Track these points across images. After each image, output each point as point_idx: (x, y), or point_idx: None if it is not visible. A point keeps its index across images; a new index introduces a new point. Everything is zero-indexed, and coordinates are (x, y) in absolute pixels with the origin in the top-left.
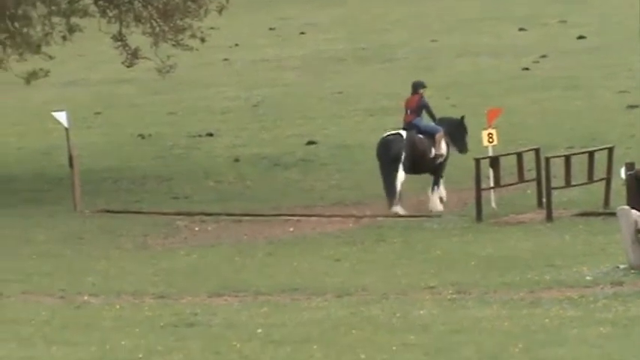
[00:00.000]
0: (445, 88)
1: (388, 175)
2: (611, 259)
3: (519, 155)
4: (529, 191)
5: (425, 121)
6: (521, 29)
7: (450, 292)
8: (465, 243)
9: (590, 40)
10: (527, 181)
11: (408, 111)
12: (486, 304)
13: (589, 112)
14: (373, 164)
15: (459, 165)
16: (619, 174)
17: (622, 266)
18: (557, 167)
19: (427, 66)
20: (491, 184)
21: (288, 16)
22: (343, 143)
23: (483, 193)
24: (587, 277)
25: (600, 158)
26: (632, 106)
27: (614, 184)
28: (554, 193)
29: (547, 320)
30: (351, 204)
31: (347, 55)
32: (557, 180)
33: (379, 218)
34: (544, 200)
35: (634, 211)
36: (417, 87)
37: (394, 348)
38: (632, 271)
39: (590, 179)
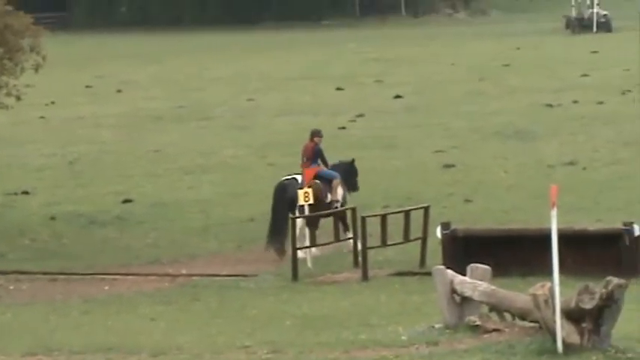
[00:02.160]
0: (263, 147)
1: (279, 219)
2: (427, 319)
3: (336, 214)
4: (345, 250)
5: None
6: (338, 89)
7: (265, 351)
8: (281, 302)
9: (407, 100)
10: (344, 240)
11: (305, 158)
12: None
13: (406, 172)
14: (189, 222)
15: None
16: (435, 233)
17: (437, 326)
18: (374, 226)
19: (245, 125)
20: (308, 244)
21: (105, 74)
22: (159, 201)
23: (300, 252)
24: (403, 337)
25: (416, 217)
26: (448, 166)
27: (430, 244)
28: (370, 253)
29: None
30: (167, 262)
31: (164, 113)
32: (373, 239)
33: (195, 277)
34: (360, 259)
35: (449, 271)
36: (313, 135)
37: None
38: (448, 331)
39: (406, 238)
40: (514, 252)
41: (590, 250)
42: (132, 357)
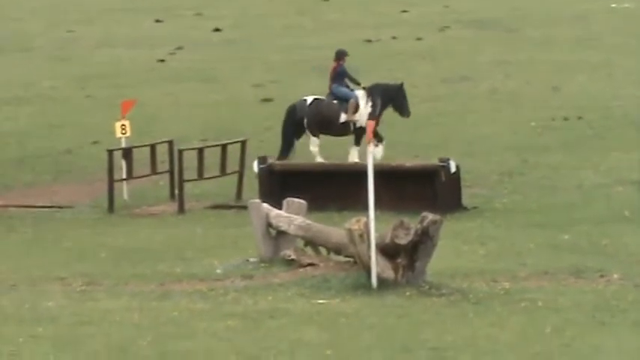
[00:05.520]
0: (82, 79)
1: (286, 138)
2: (242, 253)
3: (152, 147)
4: (162, 183)
5: (345, 88)
6: (157, 21)
7: (80, 283)
8: (97, 234)
9: (226, 33)
10: (160, 173)
11: (329, 79)
12: (116, 295)
13: (224, 105)
14: (5, 154)
15: (92, 156)
16: (252, 167)
17: (252, 259)
18: (191, 160)
19: (64, 56)
20: (124, 176)
21: None
22: None
23: (116, 185)
24: (218, 270)
25: (233, 151)
26: (266, 100)
27: (246, 177)
28: (187, 186)
29: (176, 313)
30: None
31: None
32: (190, 172)
33: (11, 208)
34: (176, 192)
35: (265, 205)
36: (337, 55)
37: (21, 340)
38: (263, 265)
39: (223, 172)
40: (331, 187)
41: (406, 186)
42: None
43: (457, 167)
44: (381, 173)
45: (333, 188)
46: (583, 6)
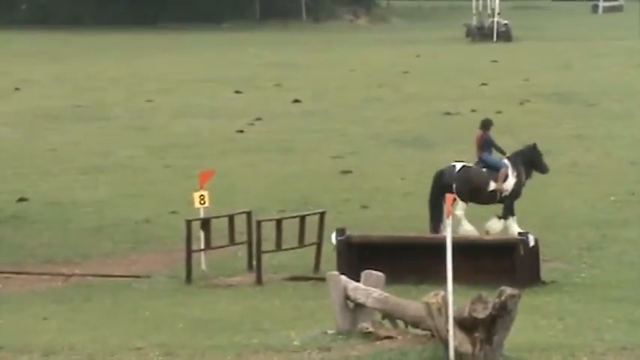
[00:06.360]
0: (160, 149)
1: (434, 203)
2: (320, 324)
3: (231, 217)
4: (240, 254)
5: (495, 156)
6: (237, 92)
7: (157, 353)
8: (174, 304)
9: (306, 104)
10: (238, 243)
11: (477, 147)
12: None
13: (302, 176)
14: (84, 222)
15: (170, 226)
16: (330, 239)
17: (330, 331)
18: (269, 230)
19: (142, 125)
20: (202, 246)
21: (3, 72)
22: (55, 201)
23: (194, 255)
24: (295, 342)
25: (312, 222)
26: (345, 171)
27: (324, 249)
28: (265, 257)
29: None
30: (61, 262)
31: (62, 112)
32: (268, 243)
33: (89, 277)
34: (254, 263)
35: (343, 277)
36: (483, 124)
37: None
38: (340, 337)
39: (301, 243)
40: (409, 259)
41: (484, 260)
42: (23, 356)
43: (536, 241)
44: (460, 246)
45: (411, 261)
46: None
